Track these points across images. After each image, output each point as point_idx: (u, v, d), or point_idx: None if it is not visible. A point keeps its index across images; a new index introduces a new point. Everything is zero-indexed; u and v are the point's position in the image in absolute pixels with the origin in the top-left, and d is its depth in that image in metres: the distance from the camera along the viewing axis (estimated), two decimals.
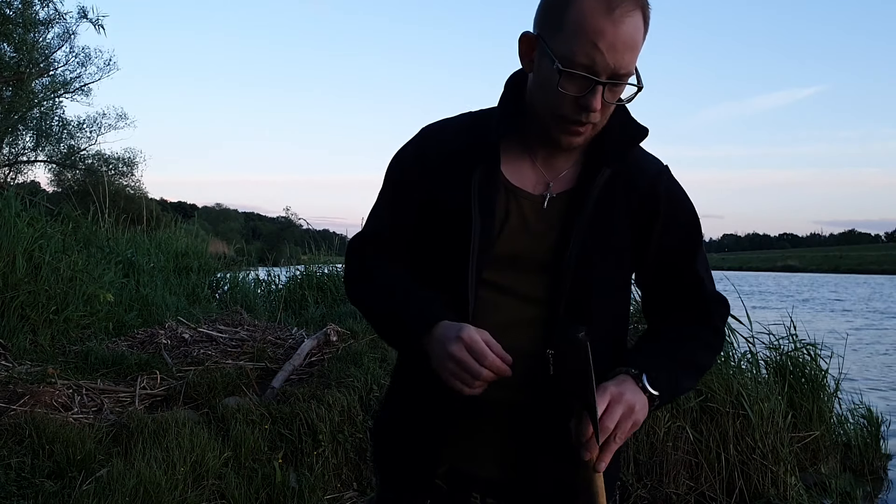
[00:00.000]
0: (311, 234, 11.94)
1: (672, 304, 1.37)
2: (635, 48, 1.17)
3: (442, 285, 1.28)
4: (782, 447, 4.01)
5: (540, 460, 1.27)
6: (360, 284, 1.39)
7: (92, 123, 23.13)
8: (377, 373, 4.55)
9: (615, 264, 1.30)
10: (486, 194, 1.25)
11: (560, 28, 1.18)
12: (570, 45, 1.16)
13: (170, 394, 4.56)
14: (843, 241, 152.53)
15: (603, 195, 1.26)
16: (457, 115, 1.37)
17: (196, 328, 5.96)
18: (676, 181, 1.35)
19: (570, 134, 1.22)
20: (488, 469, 1.30)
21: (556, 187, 1.28)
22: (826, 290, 34.27)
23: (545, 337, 1.22)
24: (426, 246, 1.33)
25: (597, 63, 1.15)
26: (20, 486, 3.25)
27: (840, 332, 6.30)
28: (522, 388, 1.24)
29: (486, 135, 1.28)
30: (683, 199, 1.35)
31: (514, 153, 1.29)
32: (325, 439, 3.75)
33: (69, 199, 11.33)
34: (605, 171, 1.26)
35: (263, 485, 3.43)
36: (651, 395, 1.20)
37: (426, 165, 1.31)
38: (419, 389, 1.30)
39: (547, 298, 1.26)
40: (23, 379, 4.47)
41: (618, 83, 1.18)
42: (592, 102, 1.17)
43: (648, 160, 1.34)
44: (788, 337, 5.09)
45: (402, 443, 1.35)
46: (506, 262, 1.26)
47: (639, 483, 3.87)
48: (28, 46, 15.77)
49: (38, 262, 5.98)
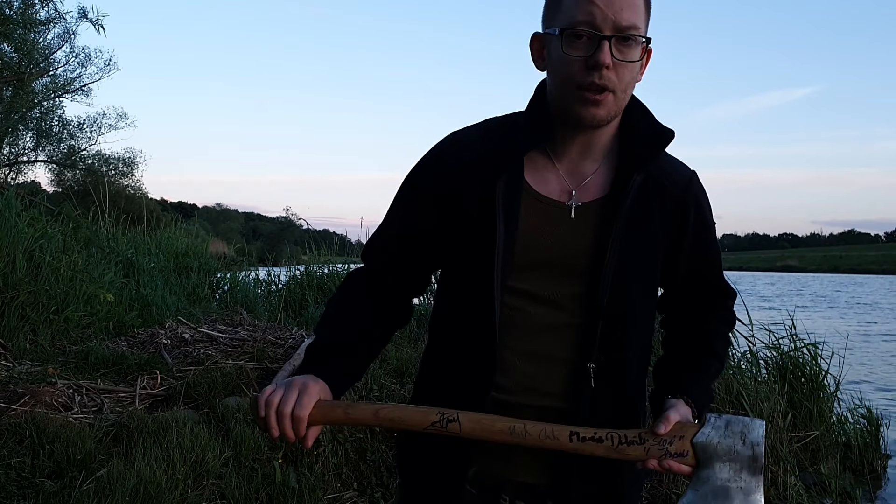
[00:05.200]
0: (311, 234, 11.96)
1: (696, 302, 1.42)
2: (634, 6, 1.18)
3: (468, 292, 1.28)
4: (782, 447, 4.01)
5: (574, 467, 1.27)
6: (325, 321, 1.38)
7: (92, 123, 23.14)
8: (377, 372, 4.56)
9: (649, 269, 1.31)
10: (511, 202, 1.24)
11: (559, 7, 1.21)
12: (569, 12, 1.18)
13: (170, 394, 4.56)
14: (843, 241, 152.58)
15: (636, 201, 1.26)
16: (480, 122, 1.37)
17: (196, 328, 5.97)
18: (703, 187, 1.37)
19: (590, 104, 1.19)
20: (521, 473, 1.30)
21: (583, 195, 1.28)
22: (830, 289, 34.25)
23: (580, 344, 1.25)
24: (450, 253, 1.33)
25: (596, 18, 1.16)
26: (20, 485, 3.25)
27: (840, 332, 6.30)
28: (557, 394, 1.26)
29: (509, 142, 1.28)
30: (708, 204, 1.38)
31: (539, 161, 1.28)
32: (325, 439, 3.76)
33: (69, 199, 11.35)
34: (636, 177, 1.26)
35: (263, 484, 3.43)
36: (695, 413, 1.27)
37: (447, 173, 1.30)
38: (448, 392, 1.28)
39: (581, 305, 1.26)
40: (23, 379, 4.48)
41: (624, 38, 1.17)
42: (601, 58, 1.16)
43: (677, 165, 1.35)
44: (788, 336, 5.09)
45: (431, 446, 1.31)
46: (533, 269, 1.26)
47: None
48: (28, 46, 15.77)
49: (38, 262, 5.99)
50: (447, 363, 1.33)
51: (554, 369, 1.25)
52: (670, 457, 1.17)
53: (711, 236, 1.38)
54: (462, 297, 1.30)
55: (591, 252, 1.25)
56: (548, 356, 1.25)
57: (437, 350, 1.38)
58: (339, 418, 1.22)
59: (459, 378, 1.27)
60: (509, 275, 1.25)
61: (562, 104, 1.24)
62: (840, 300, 26.28)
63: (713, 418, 1.18)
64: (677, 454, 1.17)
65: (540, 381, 1.26)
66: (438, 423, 1.19)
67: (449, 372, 1.31)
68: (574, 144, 1.28)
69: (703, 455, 1.16)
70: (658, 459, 1.17)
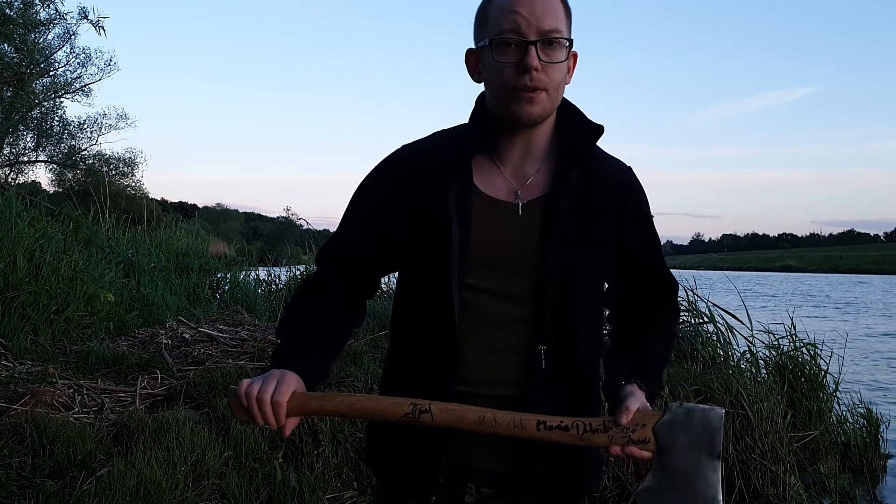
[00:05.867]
0: (311, 234, 11.96)
1: (642, 294, 1.49)
2: (554, 12, 1.30)
3: (427, 293, 1.37)
4: (781, 447, 4.02)
5: (535, 454, 1.34)
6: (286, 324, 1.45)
7: (92, 124, 23.10)
8: (377, 372, 4.55)
9: (594, 260, 1.38)
10: (463, 205, 1.33)
11: (486, 22, 1.33)
12: (496, 24, 1.30)
13: (170, 393, 4.57)
14: (843, 241, 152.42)
15: (576, 196, 1.35)
16: (428, 136, 1.46)
17: (196, 328, 5.97)
18: (639, 180, 1.46)
19: (525, 102, 1.30)
20: (486, 462, 1.37)
21: (527, 193, 1.37)
22: (828, 290, 34.24)
23: (534, 334, 1.33)
24: (408, 257, 1.41)
25: (521, 26, 1.28)
26: (21, 485, 3.25)
27: (840, 332, 6.30)
28: (514, 383, 1.34)
29: (457, 150, 1.37)
30: (645, 197, 1.47)
31: (485, 166, 1.38)
32: (325, 439, 3.76)
33: (70, 200, 11.34)
34: (573, 172, 1.35)
35: (264, 484, 3.44)
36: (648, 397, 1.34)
37: (400, 182, 1.39)
38: (414, 388, 1.33)
39: (532, 298, 1.33)
40: (23, 379, 4.48)
41: (548, 41, 1.29)
42: (529, 61, 1.27)
43: (614, 162, 1.45)
44: (788, 336, 5.10)
45: (402, 442, 1.39)
46: (487, 266, 1.34)
47: (639, 483, 3.87)
48: (29, 47, 15.75)
49: (38, 262, 5.99)
50: (411, 362, 1.41)
51: (511, 359, 1.34)
52: (633, 444, 1.23)
53: (651, 227, 1.47)
54: (422, 297, 1.39)
55: (539, 246, 1.34)
56: (505, 347, 1.34)
57: (400, 350, 1.46)
58: (315, 409, 1.28)
59: (423, 374, 1.35)
60: (466, 274, 1.33)
61: (500, 108, 1.34)
62: (840, 300, 26.27)
63: (674, 406, 1.25)
64: (640, 441, 1.23)
65: (498, 372, 1.34)
66: (411, 413, 1.24)
67: (413, 370, 1.38)
68: (515, 147, 1.38)
69: (664, 442, 1.23)
70: (621, 446, 1.23)
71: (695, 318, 5.29)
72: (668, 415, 1.24)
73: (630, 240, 1.42)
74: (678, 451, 1.23)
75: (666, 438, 1.23)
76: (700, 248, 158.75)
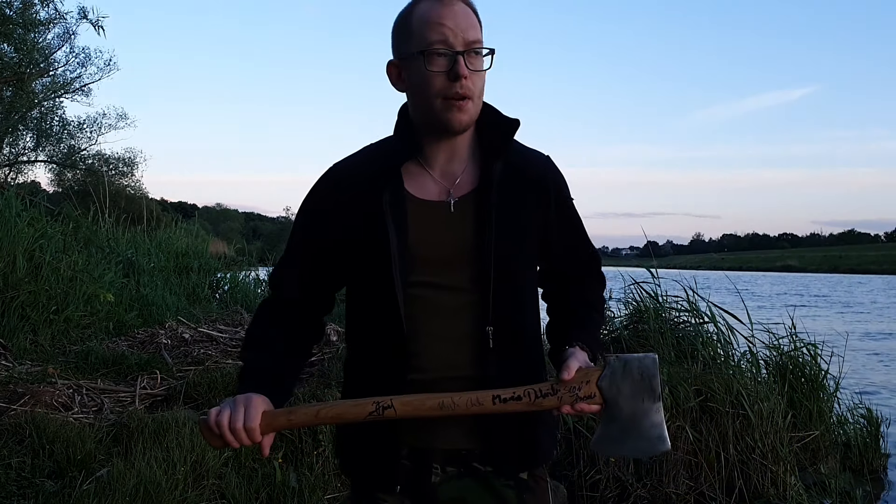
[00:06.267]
0: None
1: (571, 269, 1.60)
2: (474, 25, 1.40)
3: (375, 296, 1.44)
4: (782, 447, 4.02)
5: (493, 428, 1.43)
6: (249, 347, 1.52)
7: (92, 123, 23.04)
8: None
9: (526, 244, 1.48)
10: (397, 210, 1.42)
11: (409, 36, 1.41)
12: (423, 37, 1.38)
13: (170, 393, 4.57)
14: (843, 241, 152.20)
15: (503, 187, 1.45)
16: (357, 151, 1.55)
17: (196, 328, 5.98)
18: (558, 167, 1.57)
19: (456, 110, 1.39)
20: (447, 443, 1.45)
21: (457, 191, 1.46)
22: (829, 289, 34.27)
23: (479, 318, 1.42)
24: (353, 267, 1.49)
25: (449, 38, 1.37)
26: (20, 485, 3.25)
27: (840, 332, 6.29)
28: (467, 364, 1.42)
29: (386, 160, 1.46)
30: (565, 182, 1.57)
31: (414, 171, 1.47)
32: (325, 439, 3.76)
33: (69, 200, 11.34)
34: (497, 165, 1.46)
35: (264, 484, 3.43)
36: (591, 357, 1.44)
37: (339, 197, 1.48)
38: (372, 385, 1.41)
39: (475, 286, 1.42)
40: (23, 379, 4.48)
41: (475, 51, 1.39)
42: (460, 69, 1.36)
43: (534, 153, 1.55)
44: (788, 336, 5.09)
45: (362, 437, 1.47)
46: (428, 263, 1.43)
47: (639, 483, 3.87)
48: (28, 47, 15.74)
49: (38, 262, 5.99)
50: (367, 362, 1.48)
51: (461, 344, 1.42)
52: (581, 400, 1.33)
53: (573, 209, 1.59)
54: (370, 302, 1.47)
55: (475, 238, 1.43)
56: (455, 334, 1.42)
57: (356, 354, 1.54)
58: (284, 424, 1.37)
59: (380, 371, 1.43)
60: (408, 273, 1.41)
61: (430, 116, 1.42)
62: (840, 300, 26.28)
63: (612, 359, 1.35)
64: (586, 397, 1.33)
65: (450, 357, 1.42)
66: (375, 412, 1.33)
67: (370, 369, 1.46)
68: (441, 150, 1.47)
69: (609, 393, 1.33)
70: (571, 405, 1.33)
71: (695, 318, 5.29)
72: (608, 368, 1.34)
73: (556, 222, 1.52)
74: (623, 400, 1.33)
75: (610, 390, 1.33)
76: (700, 248, 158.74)
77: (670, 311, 5.37)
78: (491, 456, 1.45)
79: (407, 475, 1.46)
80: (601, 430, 1.36)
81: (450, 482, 1.47)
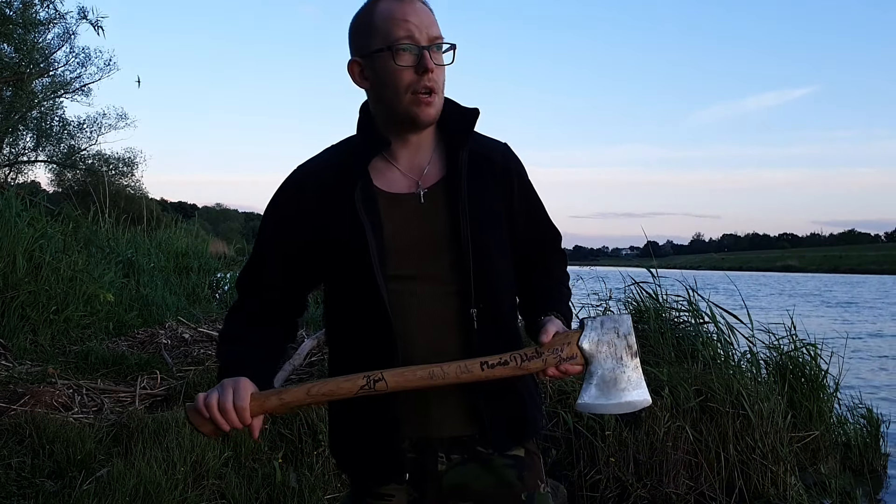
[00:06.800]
0: None
1: (536, 248, 1.64)
2: (435, 22, 1.46)
3: (356, 292, 1.46)
4: (782, 447, 4.01)
5: (484, 407, 1.47)
6: (223, 344, 1.55)
7: (92, 123, 23.00)
8: None
9: (497, 226, 1.53)
10: (370, 207, 1.45)
11: (373, 33, 1.44)
12: (388, 33, 1.42)
13: (170, 393, 4.57)
14: (843, 240, 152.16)
15: (470, 174, 1.50)
16: (321, 151, 1.57)
17: (196, 328, 5.97)
18: (516, 154, 1.63)
19: (424, 105, 1.44)
20: (446, 430, 1.48)
21: (426, 182, 1.50)
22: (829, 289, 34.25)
23: (462, 303, 1.45)
24: (330, 266, 1.50)
25: (414, 33, 1.42)
26: (20, 485, 3.25)
27: (840, 332, 6.29)
28: (455, 349, 1.45)
29: (352, 158, 1.49)
30: (524, 168, 1.63)
31: (381, 167, 1.50)
32: (325, 439, 3.75)
33: (69, 200, 11.35)
34: (462, 154, 1.50)
35: (264, 484, 3.43)
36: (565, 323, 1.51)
37: (307, 197, 1.49)
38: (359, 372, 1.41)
39: (456, 272, 1.46)
40: (23, 379, 4.48)
41: (438, 46, 1.44)
42: (427, 63, 1.41)
43: (492, 141, 1.61)
44: (788, 337, 5.09)
45: (361, 431, 1.48)
46: (406, 255, 1.45)
47: (639, 483, 3.87)
48: (28, 47, 15.72)
49: (38, 262, 5.99)
50: (355, 359, 1.47)
51: (448, 327, 1.46)
52: (564, 361, 1.40)
53: (534, 191, 1.64)
54: (353, 300, 1.48)
55: (448, 225, 1.47)
56: (439, 322, 1.45)
57: (342, 353, 1.54)
58: (275, 405, 1.37)
59: (369, 366, 1.41)
60: (388, 266, 1.44)
61: (397, 111, 1.45)
62: (840, 300, 26.27)
63: (588, 321, 1.42)
64: (569, 358, 1.40)
65: (437, 343, 1.45)
66: (366, 385, 1.35)
67: (358, 366, 1.44)
68: (406, 145, 1.51)
69: (589, 353, 1.41)
70: (555, 366, 1.39)
71: (695, 318, 5.28)
72: (587, 329, 1.41)
73: (520, 204, 1.58)
74: (602, 358, 1.40)
75: (590, 349, 1.40)
76: (700, 248, 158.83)
77: (670, 311, 5.37)
78: (491, 436, 1.48)
79: (413, 466, 1.48)
80: (584, 390, 1.42)
81: (454, 469, 1.50)
